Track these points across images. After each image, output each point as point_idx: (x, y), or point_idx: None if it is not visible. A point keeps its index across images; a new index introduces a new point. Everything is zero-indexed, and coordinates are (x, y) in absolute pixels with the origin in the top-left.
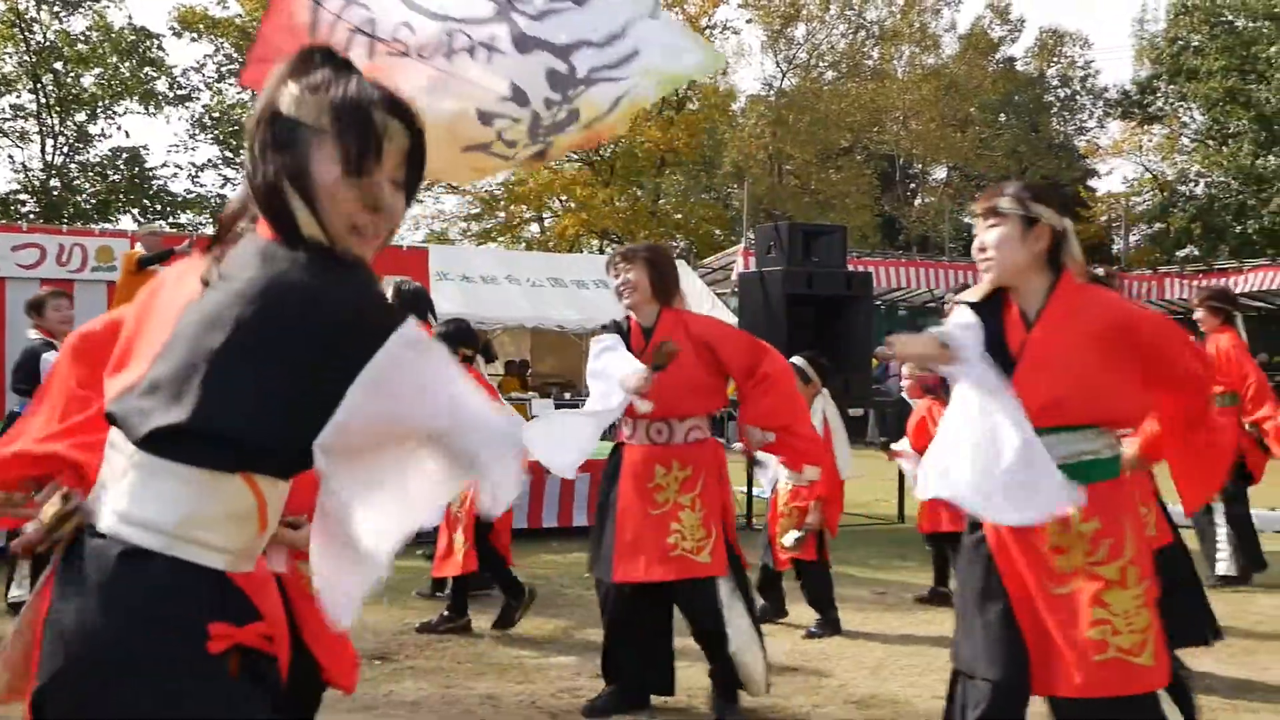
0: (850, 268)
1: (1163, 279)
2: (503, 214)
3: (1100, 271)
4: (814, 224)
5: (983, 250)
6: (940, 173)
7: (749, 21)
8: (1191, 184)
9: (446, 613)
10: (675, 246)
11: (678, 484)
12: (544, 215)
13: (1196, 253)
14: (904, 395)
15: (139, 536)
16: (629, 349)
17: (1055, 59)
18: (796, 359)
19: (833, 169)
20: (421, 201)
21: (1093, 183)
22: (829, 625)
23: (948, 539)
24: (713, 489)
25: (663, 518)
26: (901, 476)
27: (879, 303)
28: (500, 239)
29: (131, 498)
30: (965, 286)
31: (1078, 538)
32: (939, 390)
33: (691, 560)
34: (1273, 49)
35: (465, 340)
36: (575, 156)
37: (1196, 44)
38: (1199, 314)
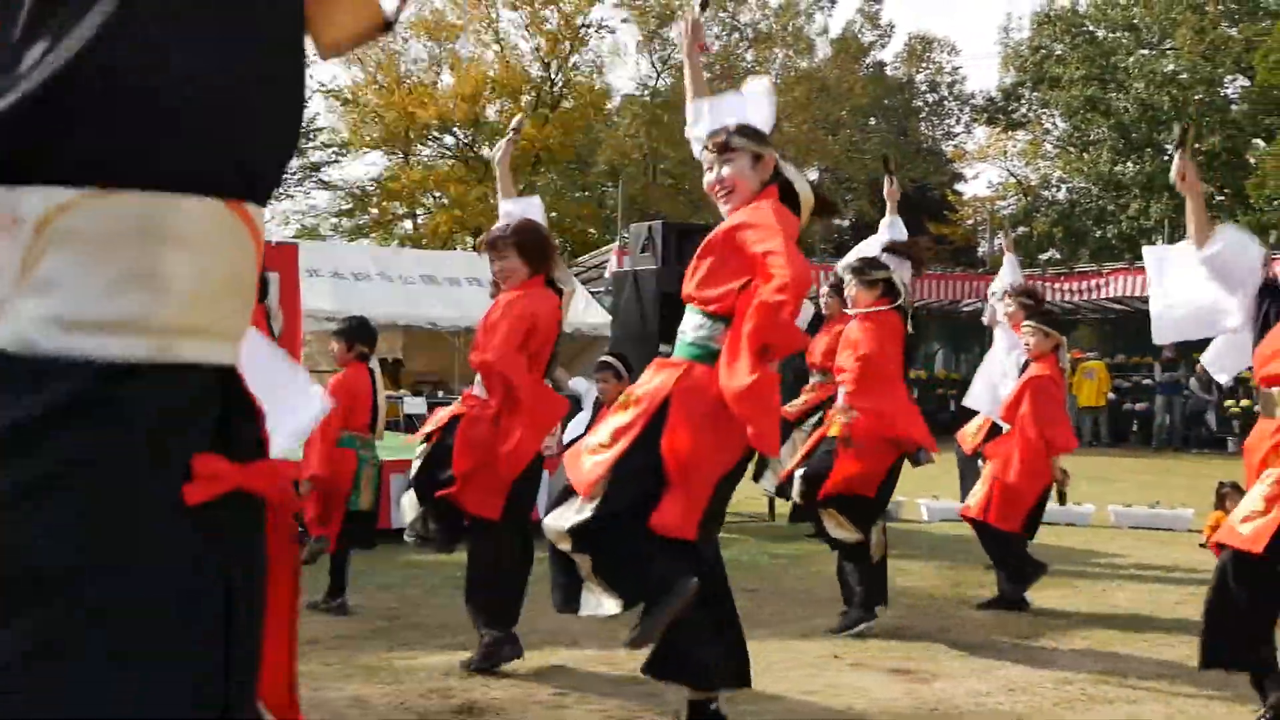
0: None
1: (1026, 280)
2: (375, 210)
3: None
4: (688, 223)
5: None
6: (812, 174)
7: (624, 21)
8: (1054, 189)
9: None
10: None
11: None
12: (417, 212)
13: (1058, 256)
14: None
15: None
16: None
17: (924, 65)
18: (607, 357)
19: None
20: (292, 197)
21: (960, 186)
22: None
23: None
24: None
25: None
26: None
27: None
28: (372, 235)
29: None
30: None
31: None
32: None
33: None
34: (1131, 59)
35: (360, 337)
36: (449, 153)
37: (1059, 53)
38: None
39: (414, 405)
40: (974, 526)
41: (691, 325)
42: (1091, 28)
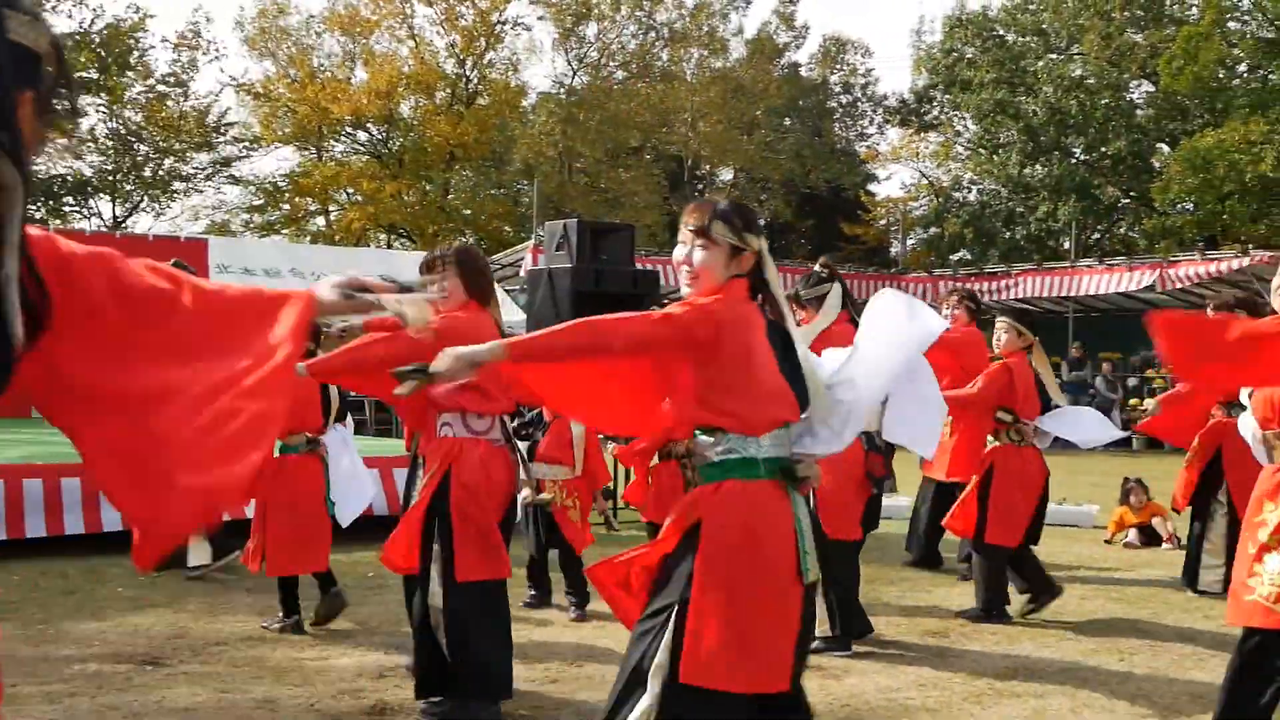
0: (638, 266)
1: (937, 281)
2: (287, 206)
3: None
4: (603, 222)
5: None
6: (727, 174)
7: (540, 19)
8: (965, 191)
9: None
10: (463, 241)
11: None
12: (330, 208)
13: (969, 257)
14: None
15: None
16: None
17: (838, 66)
18: None
19: (622, 168)
20: (201, 192)
21: (873, 187)
22: (581, 609)
23: None
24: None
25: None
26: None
27: (666, 301)
28: (284, 231)
29: None
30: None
31: None
32: None
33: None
34: (1040, 63)
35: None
36: (362, 149)
37: (970, 56)
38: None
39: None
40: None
41: None
42: (1002, 32)
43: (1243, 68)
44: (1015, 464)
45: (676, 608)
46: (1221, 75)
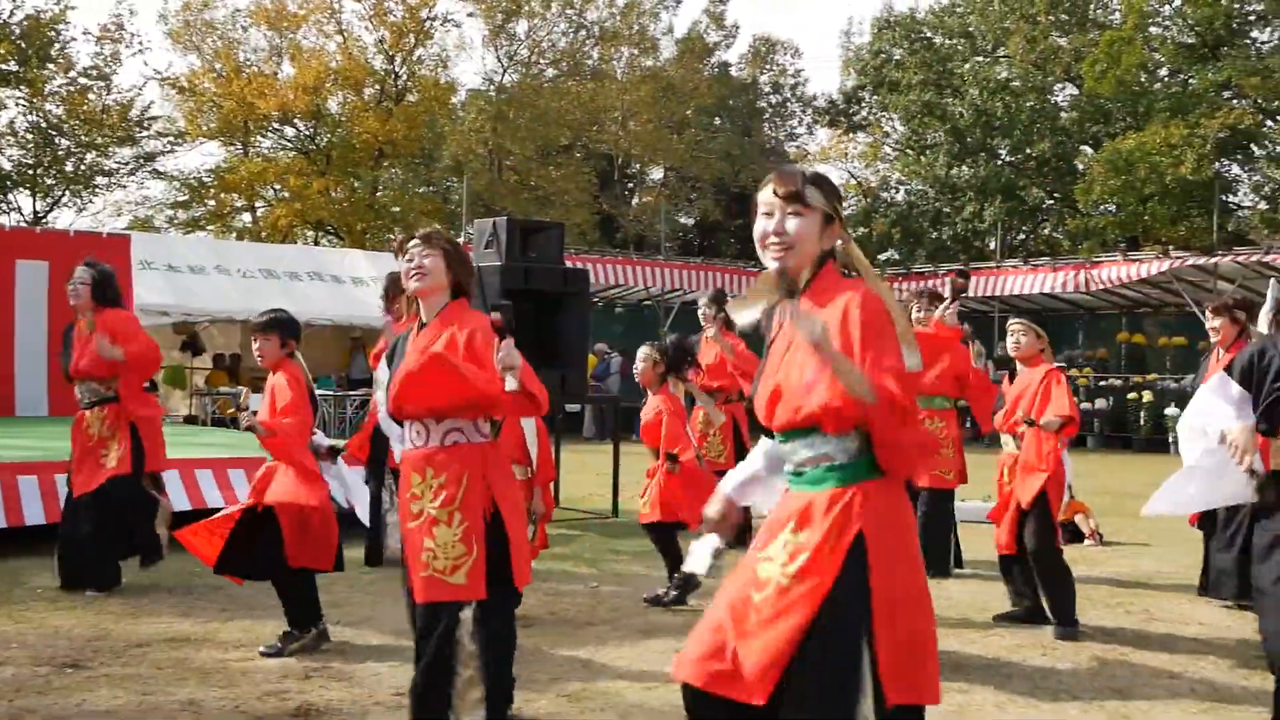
0: (568, 264)
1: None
2: (212, 202)
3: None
4: (533, 220)
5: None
6: (657, 173)
7: (470, 15)
8: (893, 191)
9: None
10: (391, 239)
11: (432, 492)
12: (256, 204)
13: (897, 256)
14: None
15: None
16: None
17: (768, 66)
18: None
19: (552, 166)
20: (124, 187)
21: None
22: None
23: (669, 528)
24: (474, 500)
25: (417, 531)
26: (616, 470)
27: (596, 300)
28: (210, 228)
29: None
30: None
31: None
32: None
33: (442, 581)
34: (966, 66)
35: (293, 333)
36: (289, 145)
37: (898, 58)
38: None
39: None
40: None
41: None
42: (929, 34)
43: (1163, 72)
44: None
45: (865, 633)
46: (1143, 79)
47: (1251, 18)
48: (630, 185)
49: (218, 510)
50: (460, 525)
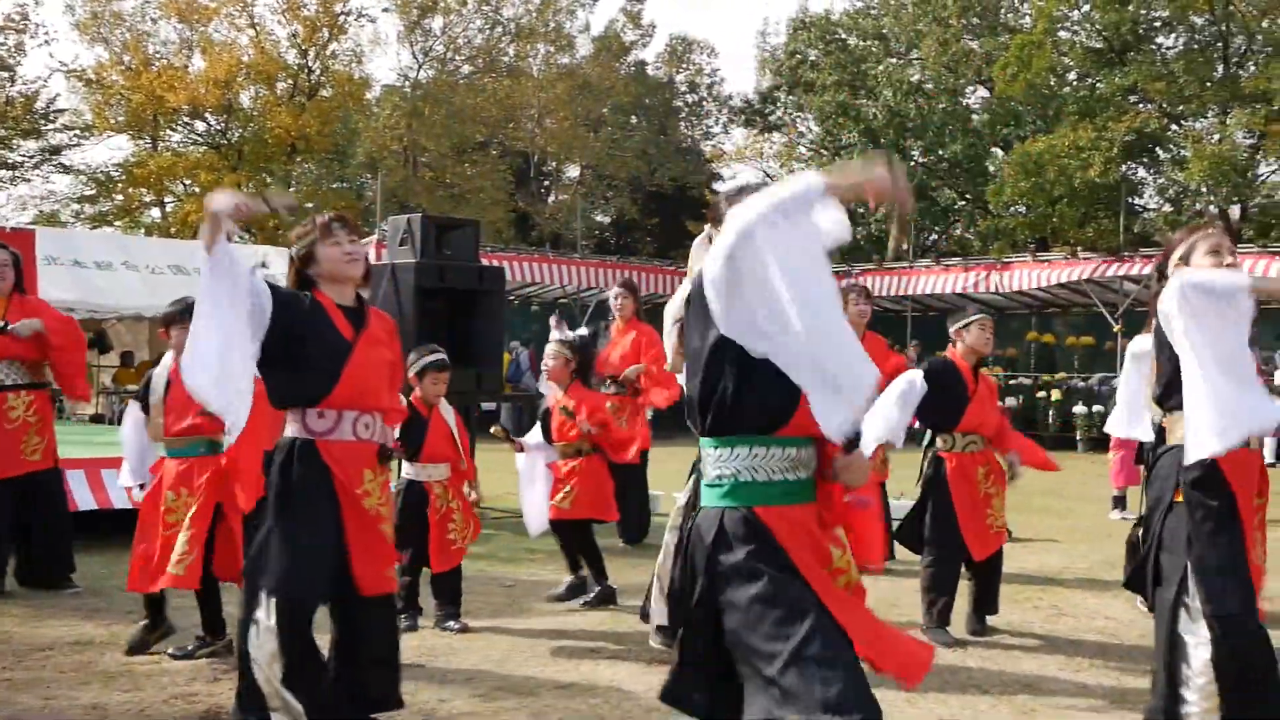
0: (483, 262)
1: None
2: (120, 197)
3: None
4: (447, 217)
5: None
6: (573, 171)
7: (385, 10)
8: None
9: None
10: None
11: (379, 489)
12: (166, 200)
13: None
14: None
15: None
16: (331, 324)
17: (684, 65)
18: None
19: (468, 163)
20: (29, 181)
21: (717, 186)
22: (457, 618)
23: (576, 527)
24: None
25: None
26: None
27: (512, 298)
28: (117, 223)
29: None
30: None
31: None
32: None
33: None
34: (880, 67)
35: None
36: (200, 139)
37: (813, 59)
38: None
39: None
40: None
41: None
42: (844, 35)
43: (1073, 76)
44: None
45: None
46: (1053, 83)
47: (1157, 24)
48: (546, 183)
49: (124, 511)
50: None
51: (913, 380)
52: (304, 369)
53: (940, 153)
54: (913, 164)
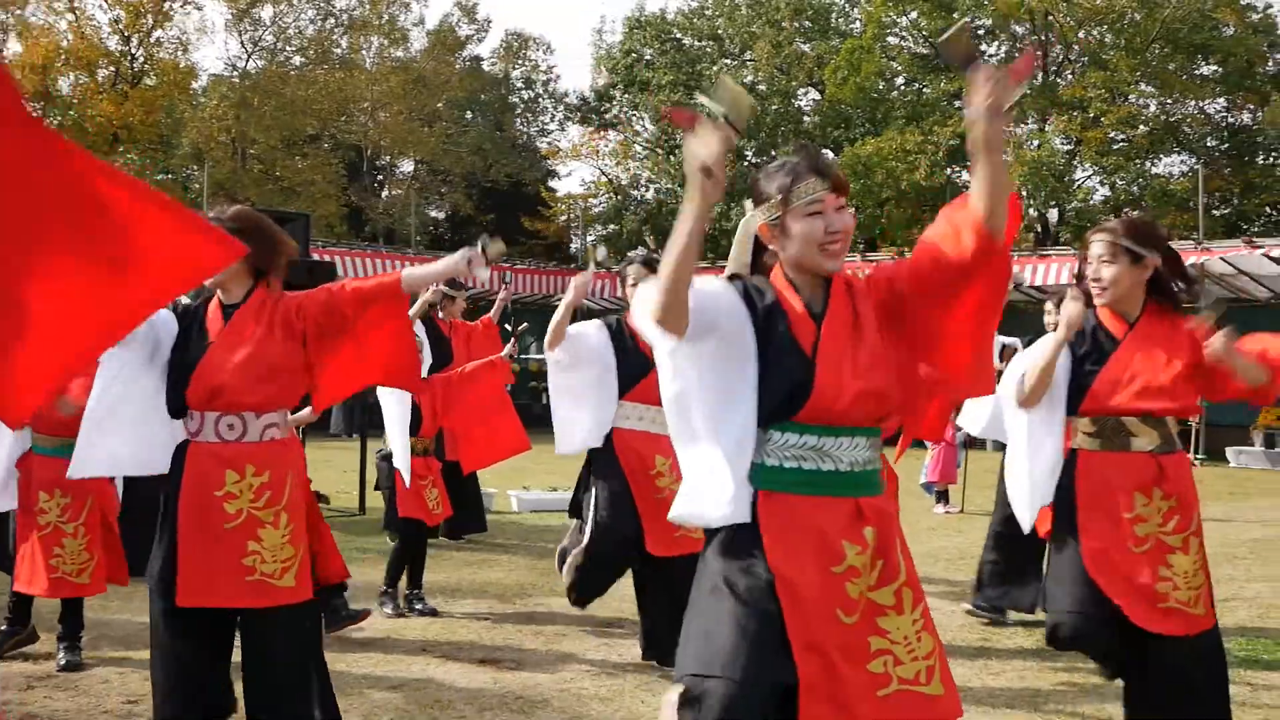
0: (314, 257)
1: (613, 278)
2: None
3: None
4: (277, 210)
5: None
6: (408, 166)
7: None
8: (643, 189)
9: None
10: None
11: (252, 492)
12: None
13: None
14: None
15: None
16: (203, 331)
17: (520, 61)
18: None
19: (299, 156)
20: None
21: (553, 183)
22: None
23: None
24: (298, 499)
25: (237, 532)
26: (363, 467)
27: None
28: None
29: None
30: None
31: None
32: None
33: (272, 585)
34: (715, 68)
35: None
36: None
37: (648, 58)
38: None
39: None
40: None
41: None
42: (679, 36)
43: (900, 80)
44: None
45: None
46: (881, 87)
47: (980, 31)
48: (380, 177)
49: None
50: (288, 527)
51: None
52: (171, 375)
53: (773, 154)
54: (746, 164)
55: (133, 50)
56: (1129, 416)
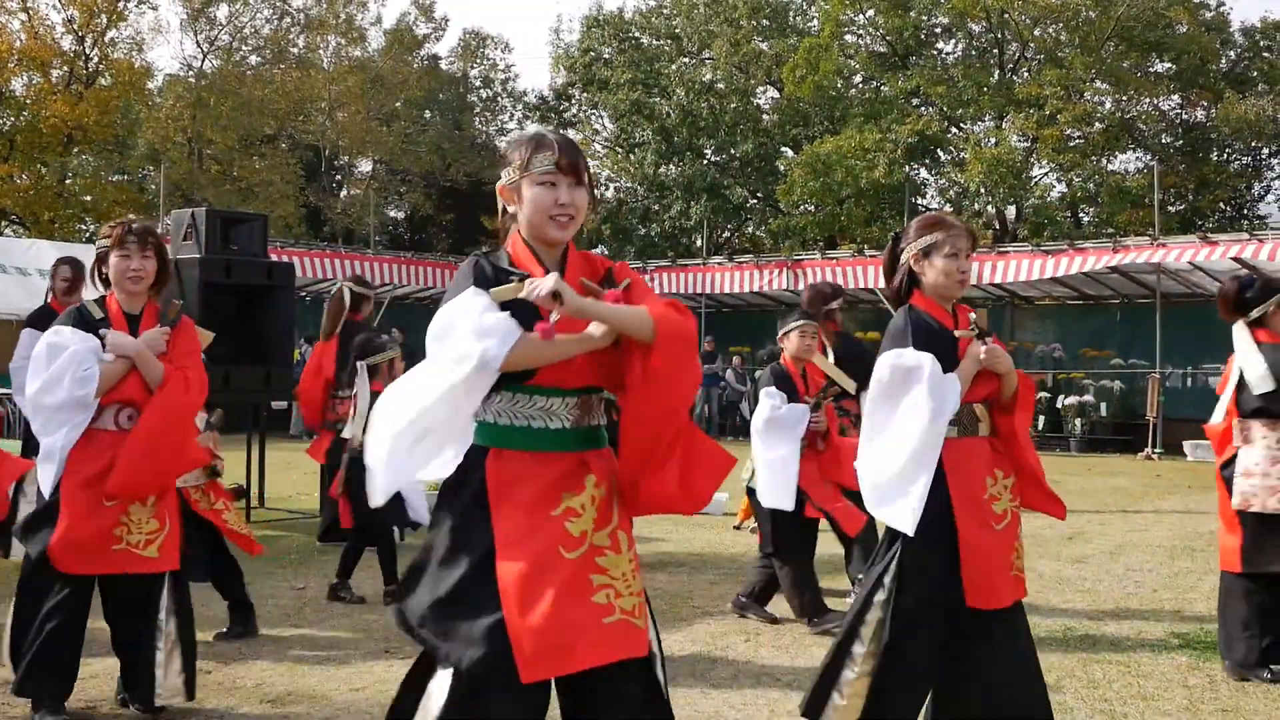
0: (272, 257)
1: None
2: None
3: None
4: (234, 211)
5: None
6: (366, 165)
7: None
8: (602, 188)
9: None
10: (83, 230)
11: None
12: None
13: (606, 253)
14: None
15: None
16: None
17: (478, 60)
18: None
19: (256, 156)
20: None
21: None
22: (248, 624)
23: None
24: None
25: (114, 509)
26: (323, 470)
27: (303, 294)
28: None
29: None
30: None
31: None
32: None
33: (137, 555)
34: (673, 66)
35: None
36: None
37: (607, 57)
38: None
39: None
40: None
41: None
42: (637, 34)
43: (858, 79)
44: None
45: None
46: (839, 85)
47: (938, 29)
48: (338, 177)
49: None
50: (153, 501)
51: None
52: None
53: (732, 151)
54: (705, 162)
55: (87, 50)
56: None
